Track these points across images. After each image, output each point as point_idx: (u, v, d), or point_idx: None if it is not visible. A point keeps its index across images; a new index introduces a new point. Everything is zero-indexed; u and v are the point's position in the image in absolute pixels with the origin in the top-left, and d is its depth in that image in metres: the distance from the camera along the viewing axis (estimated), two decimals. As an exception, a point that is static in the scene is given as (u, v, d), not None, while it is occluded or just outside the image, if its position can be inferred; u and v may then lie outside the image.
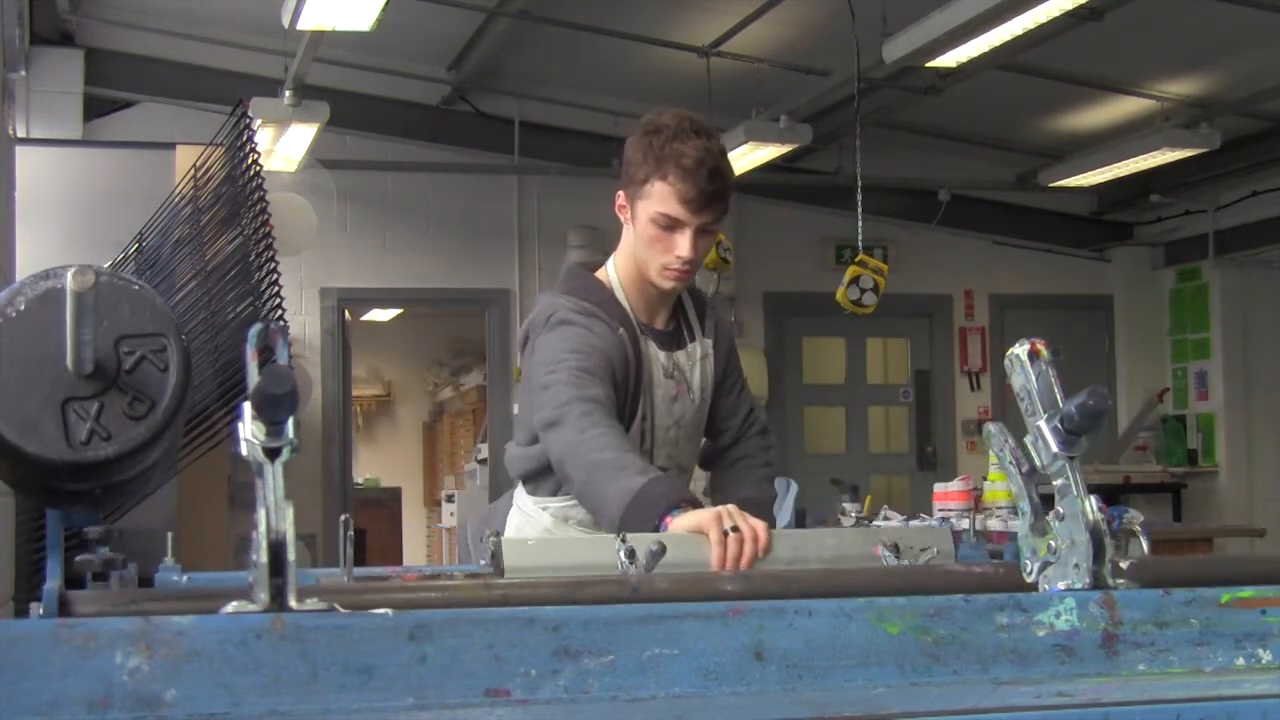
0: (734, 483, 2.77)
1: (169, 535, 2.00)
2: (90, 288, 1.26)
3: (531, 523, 2.73)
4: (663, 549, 2.09)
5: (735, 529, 2.11)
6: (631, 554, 1.98)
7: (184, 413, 1.39)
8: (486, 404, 9.37)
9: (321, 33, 6.24)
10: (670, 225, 2.52)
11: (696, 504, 2.28)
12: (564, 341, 2.57)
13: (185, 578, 2.13)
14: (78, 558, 1.73)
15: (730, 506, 2.17)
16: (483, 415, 10.48)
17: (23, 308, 1.35)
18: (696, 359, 2.72)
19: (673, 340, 2.71)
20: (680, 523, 2.19)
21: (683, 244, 2.54)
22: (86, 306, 1.28)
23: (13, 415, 1.33)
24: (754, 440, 2.84)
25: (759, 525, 2.13)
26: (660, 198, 2.50)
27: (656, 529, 2.23)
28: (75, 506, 1.51)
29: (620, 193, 2.61)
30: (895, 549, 2.21)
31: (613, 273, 2.68)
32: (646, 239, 2.56)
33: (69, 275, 1.27)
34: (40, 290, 1.36)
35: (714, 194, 2.50)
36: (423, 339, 12.81)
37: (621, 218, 2.63)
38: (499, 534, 2.25)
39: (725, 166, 2.53)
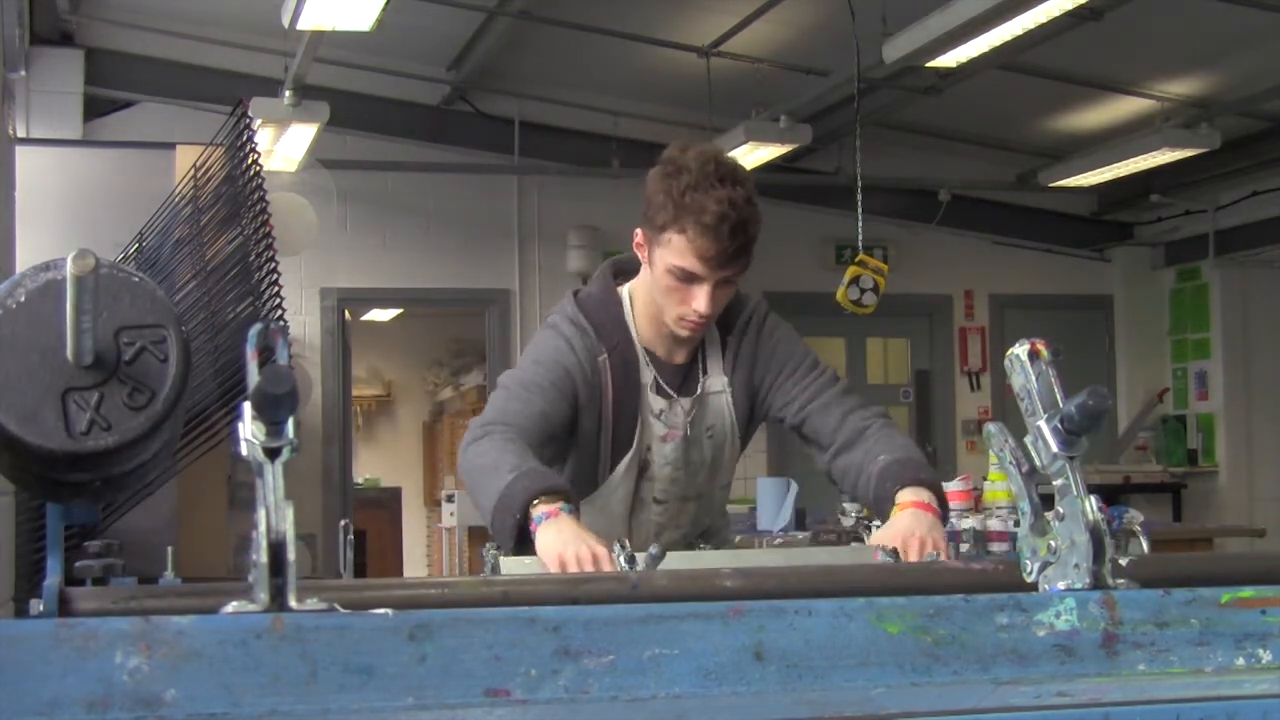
0: (867, 461, 2.48)
1: (169, 549, 2.00)
2: (90, 271, 1.26)
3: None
4: (663, 553, 2.09)
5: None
6: (632, 559, 1.99)
7: (184, 404, 1.39)
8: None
9: (321, 33, 6.24)
10: (687, 278, 2.42)
11: (563, 494, 2.21)
12: (536, 350, 2.55)
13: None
14: (78, 563, 1.73)
15: (590, 552, 2.05)
16: (483, 415, 10.45)
17: (23, 299, 1.35)
18: (707, 400, 2.59)
19: (680, 380, 2.59)
20: (539, 542, 2.12)
21: (700, 299, 2.43)
22: (86, 291, 1.28)
23: (13, 406, 1.33)
24: (854, 420, 2.55)
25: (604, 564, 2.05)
26: (679, 251, 2.39)
27: (521, 524, 2.16)
28: (75, 499, 1.51)
29: (639, 230, 2.51)
30: (895, 553, 2.21)
31: (627, 299, 2.60)
32: (663, 288, 2.46)
33: (69, 259, 1.27)
34: (40, 282, 1.36)
35: (735, 250, 2.41)
36: (423, 339, 12.80)
37: (639, 256, 2.54)
38: (499, 548, 2.23)
39: (749, 217, 2.43)
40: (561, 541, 2.09)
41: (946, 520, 2.36)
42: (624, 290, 2.62)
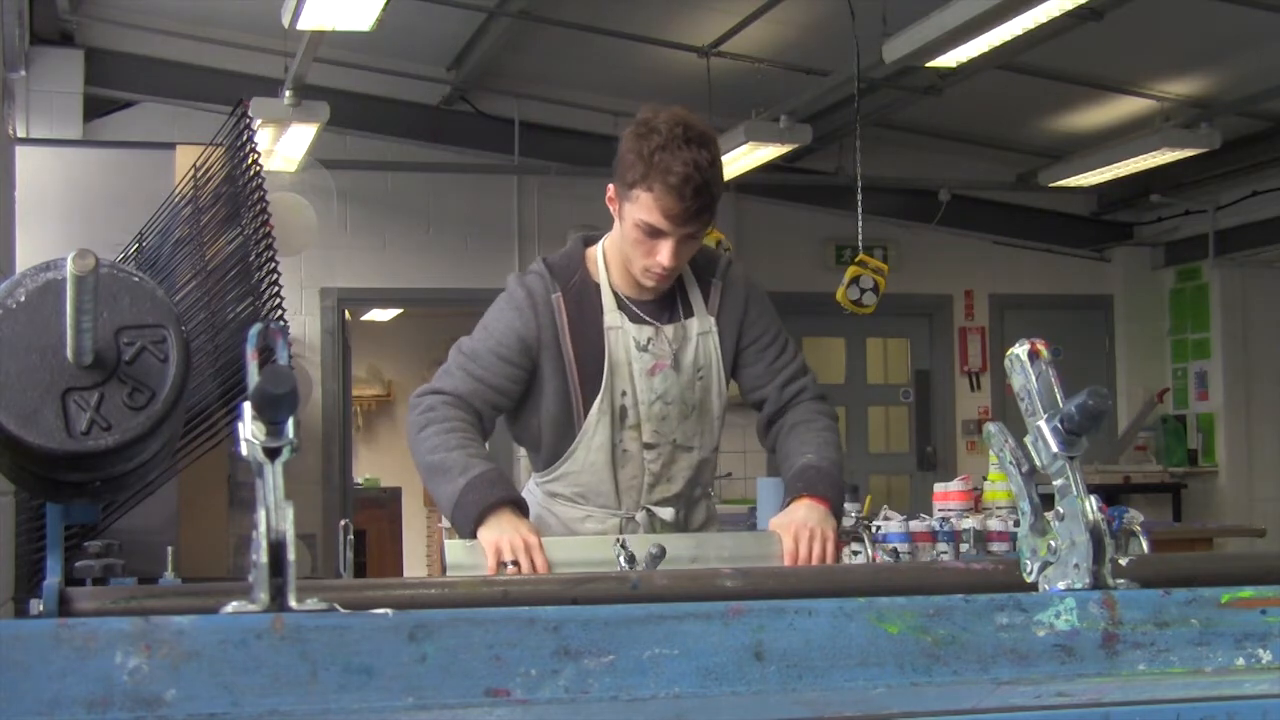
0: (793, 452, 2.73)
1: (169, 549, 2.00)
2: (90, 271, 1.26)
3: (533, 499, 2.77)
4: (663, 552, 2.10)
5: (516, 563, 2.29)
6: (632, 559, 1.99)
7: (184, 403, 1.39)
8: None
9: (321, 33, 6.24)
10: (653, 233, 2.56)
11: (516, 503, 2.45)
12: (489, 314, 2.73)
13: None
14: (78, 563, 1.73)
15: (522, 540, 2.34)
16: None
17: (23, 299, 1.36)
18: (692, 335, 2.72)
19: (660, 313, 2.71)
20: (480, 536, 2.39)
21: (664, 252, 2.57)
22: (86, 291, 1.28)
23: (13, 406, 1.33)
24: (805, 405, 2.80)
25: (540, 564, 2.31)
26: (646, 207, 2.53)
27: (475, 534, 2.41)
28: (75, 499, 1.51)
29: (610, 185, 2.66)
30: (895, 553, 2.22)
31: (601, 251, 2.75)
32: (631, 241, 2.61)
33: (69, 259, 1.27)
34: (40, 282, 1.36)
35: (698, 209, 2.53)
36: (423, 339, 12.80)
37: (611, 209, 2.68)
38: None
39: (713, 178, 2.54)
40: (499, 531, 2.37)
41: (839, 517, 2.60)
42: (595, 248, 2.78)
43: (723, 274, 2.76)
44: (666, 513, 2.73)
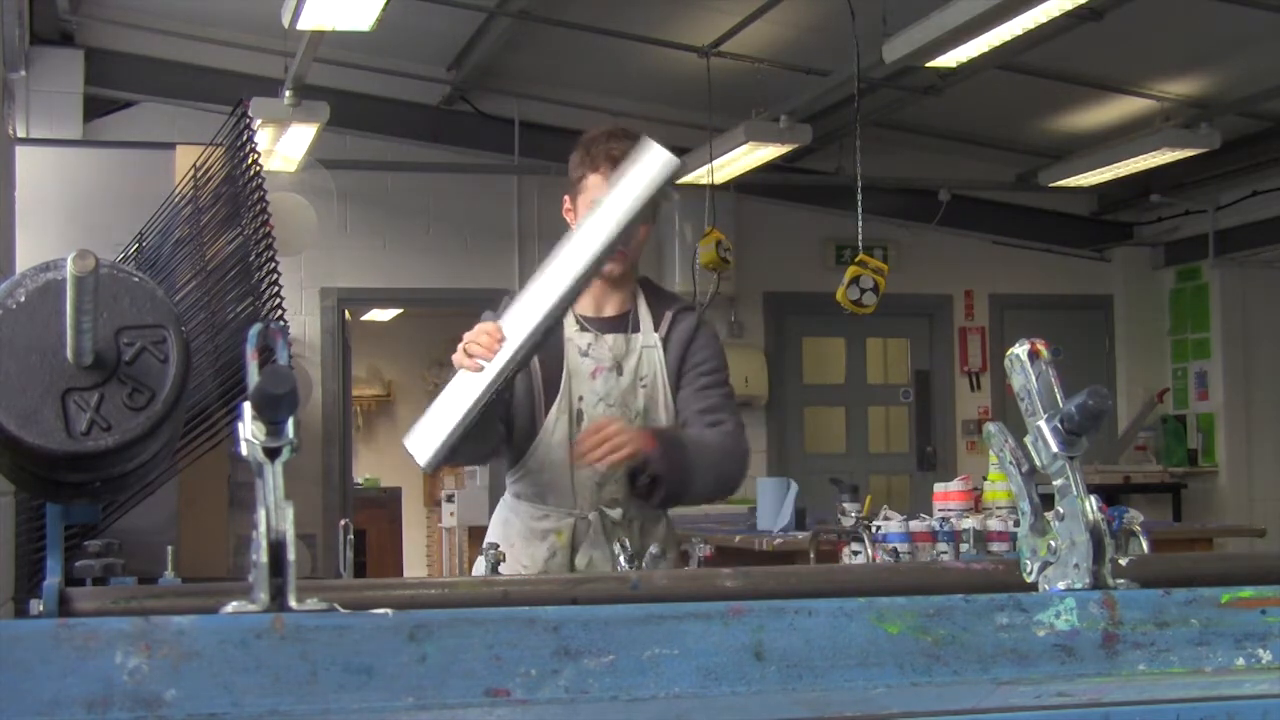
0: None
1: (169, 549, 2.00)
2: (90, 271, 1.26)
3: (503, 503, 2.97)
4: (663, 552, 2.10)
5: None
6: (632, 559, 2.00)
7: (184, 404, 1.39)
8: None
9: (321, 33, 6.24)
10: None
11: None
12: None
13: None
14: (78, 563, 1.73)
15: (477, 329, 2.56)
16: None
17: (23, 299, 1.35)
18: (636, 347, 2.88)
19: (610, 326, 2.90)
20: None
21: None
22: (86, 292, 1.27)
23: (13, 406, 1.33)
24: (718, 430, 2.87)
25: (492, 338, 2.51)
26: (595, 188, 2.77)
27: None
28: (75, 499, 1.51)
29: (565, 198, 2.92)
30: (895, 553, 2.22)
31: None
32: None
33: (69, 259, 1.27)
34: (40, 282, 1.36)
35: None
36: (423, 339, 12.80)
37: (568, 220, 2.88)
38: (497, 545, 2.51)
39: None
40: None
41: (666, 474, 2.71)
42: None
43: (679, 309, 2.95)
44: (615, 513, 2.84)
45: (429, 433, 2.52)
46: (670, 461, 2.71)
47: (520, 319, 2.54)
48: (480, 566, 2.86)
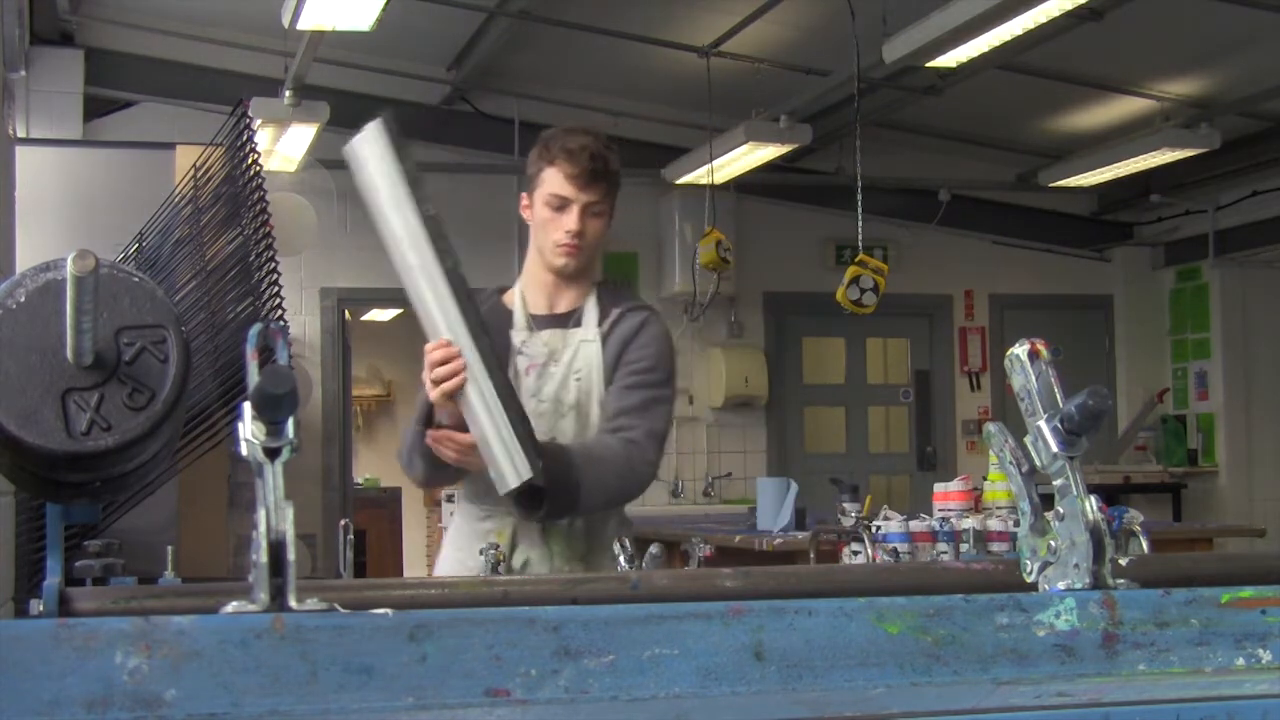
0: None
1: (169, 549, 2.00)
2: (90, 271, 1.26)
3: (457, 508, 2.98)
4: (663, 551, 2.10)
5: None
6: (633, 559, 1.99)
7: (184, 404, 1.39)
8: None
9: (321, 33, 6.24)
10: (561, 205, 2.82)
11: None
12: None
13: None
14: (78, 563, 1.73)
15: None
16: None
17: (23, 299, 1.35)
18: (574, 341, 2.86)
19: (552, 322, 2.90)
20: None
21: (570, 220, 2.82)
22: (86, 292, 1.27)
23: (13, 406, 1.33)
24: (614, 438, 2.78)
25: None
26: (551, 180, 2.82)
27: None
28: (75, 499, 1.51)
29: (523, 195, 2.94)
30: (895, 553, 2.22)
31: (518, 279, 2.99)
32: (541, 222, 2.87)
33: (69, 259, 1.27)
34: (40, 282, 1.36)
35: (596, 172, 2.79)
36: (422, 339, 12.77)
37: (525, 218, 2.94)
38: (497, 545, 2.53)
39: (608, 155, 2.83)
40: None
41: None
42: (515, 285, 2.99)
43: (631, 308, 2.90)
44: None
45: (503, 456, 2.43)
46: (551, 475, 2.55)
47: (439, 319, 2.54)
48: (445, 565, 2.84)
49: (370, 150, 2.46)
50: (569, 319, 2.89)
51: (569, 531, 2.79)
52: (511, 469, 2.44)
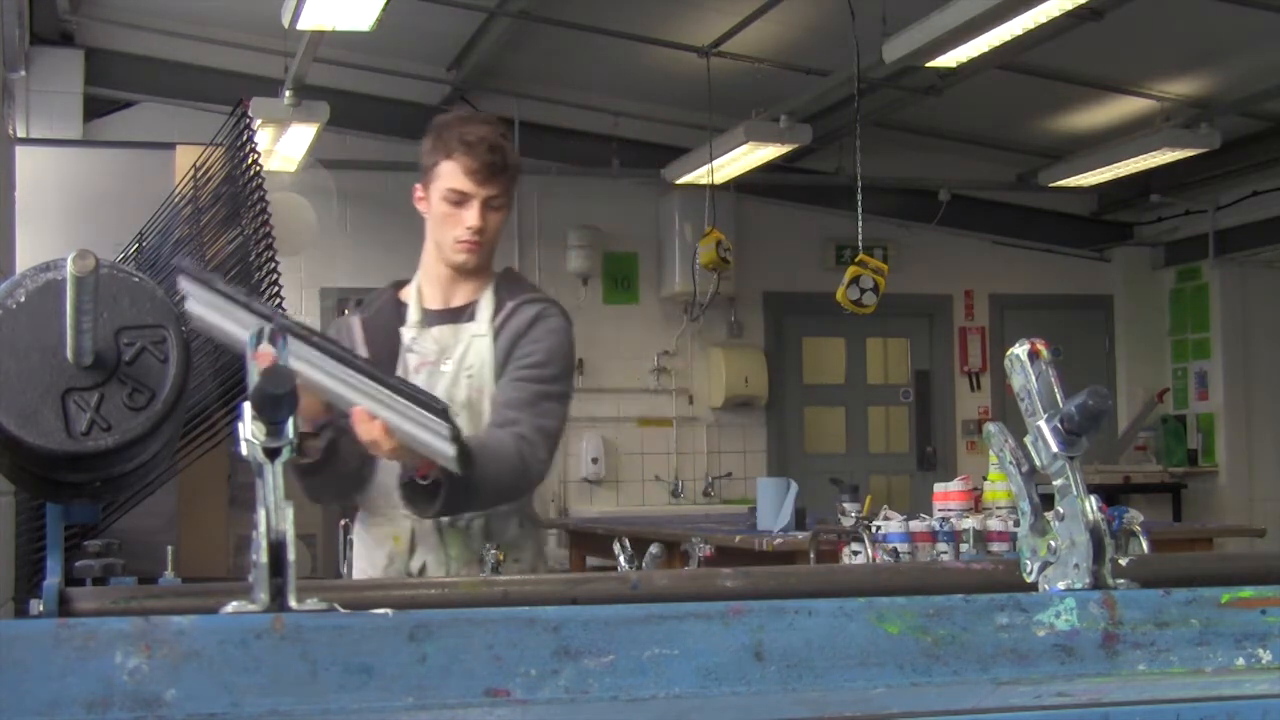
0: None
1: (169, 549, 2.00)
2: (90, 272, 1.26)
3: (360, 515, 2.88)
4: (663, 550, 2.10)
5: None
6: (633, 559, 1.99)
7: (184, 404, 1.39)
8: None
9: (321, 33, 6.24)
10: (459, 200, 2.74)
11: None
12: None
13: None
14: (78, 563, 1.73)
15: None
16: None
17: (23, 299, 1.36)
18: (465, 336, 2.76)
19: (445, 317, 2.79)
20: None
21: (470, 215, 2.74)
22: (86, 292, 1.27)
23: (13, 406, 1.33)
24: (503, 432, 2.64)
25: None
26: (448, 174, 2.73)
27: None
28: (75, 499, 1.51)
29: (417, 187, 2.83)
30: (895, 553, 2.22)
31: (416, 278, 2.89)
32: (439, 217, 2.77)
33: (69, 259, 1.27)
34: (40, 282, 1.36)
35: (495, 165, 2.74)
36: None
37: (421, 210, 2.84)
38: (497, 545, 2.45)
39: (505, 142, 2.79)
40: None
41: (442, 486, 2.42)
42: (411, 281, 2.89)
43: (526, 300, 2.79)
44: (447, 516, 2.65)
45: (425, 433, 2.20)
46: (444, 470, 2.36)
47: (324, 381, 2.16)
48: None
49: (200, 306, 2.13)
50: (463, 313, 2.79)
51: (466, 533, 2.68)
52: (437, 438, 2.19)
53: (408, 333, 2.77)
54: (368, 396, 2.13)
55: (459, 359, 2.73)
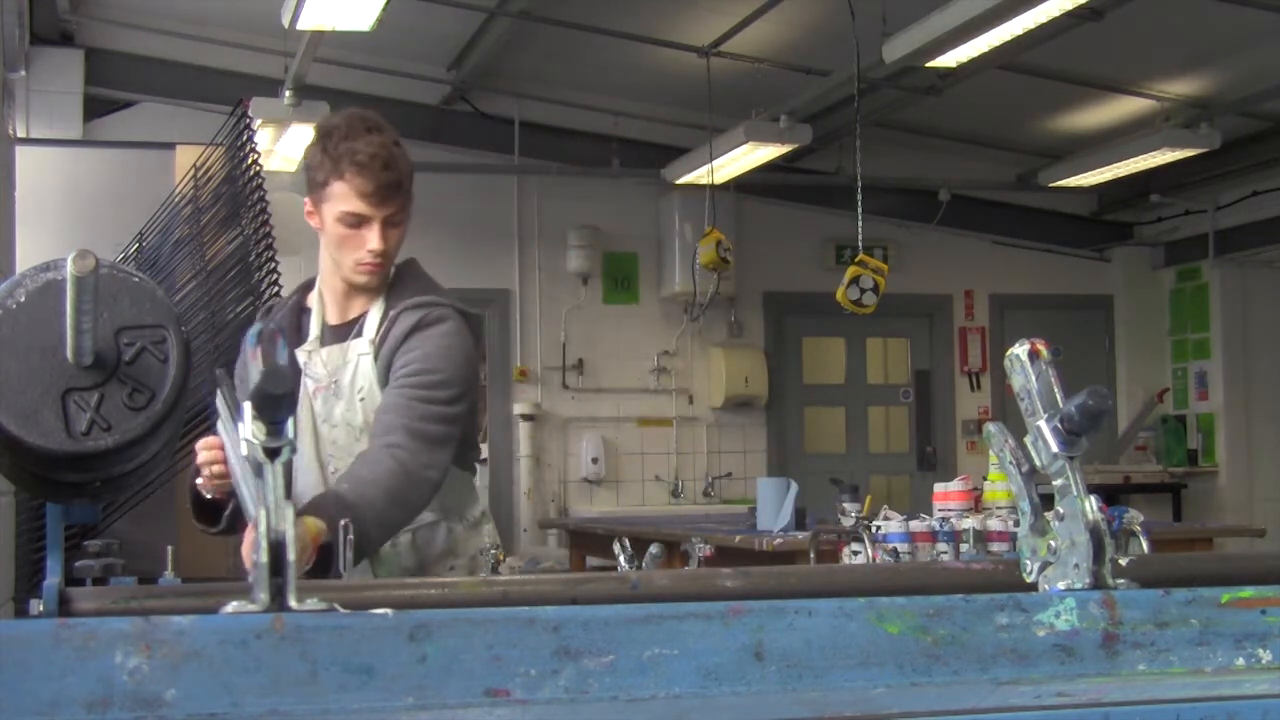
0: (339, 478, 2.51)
1: (169, 549, 2.00)
2: (90, 272, 1.26)
3: None
4: (663, 551, 2.10)
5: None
6: (633, 559, 1.99)
7: (184, 404, 1.39)
8: (486, 404, 9.37)
9: (321, 33, 6.24)
10: (357, 222, 2.56)
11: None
12: None
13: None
14: (78, 563, 1.73)
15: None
16: (483, 415, 10.48)
17: (23, 299, 1.35)
18: (352, 356, 2.62)
19: (337, 334, 2.66)
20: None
21: (372, 238, 2.57)
22: (86, 292, 1.27)
23: (13, 406, 1.33)
24: (385, 454, 2.46)
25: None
26: (341, 196, 2.55)
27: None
28: (75, 499, 1.51)
29: (306, 199, 2.63)
30: (895, 553, 2.22)
31: (317, 282, 2.73)
32: (337, 239, 2.58)
33: (69, 259, 1.27)
34: (40, 282, 1.36)
35: (391, 184, 2.55)
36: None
37: (312, 223, 2.65)
38: (497, 545, 2.45)
39: (399, 156, 2.59)
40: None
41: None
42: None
43: (409, 307, 2.60)
44: None
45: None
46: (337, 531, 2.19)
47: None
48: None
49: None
50: (353, 328, 2.64)
51: (394, 553, 2.60)
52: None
53: (302, 355, 2.63)
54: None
55: (349, 383, 2.60)
